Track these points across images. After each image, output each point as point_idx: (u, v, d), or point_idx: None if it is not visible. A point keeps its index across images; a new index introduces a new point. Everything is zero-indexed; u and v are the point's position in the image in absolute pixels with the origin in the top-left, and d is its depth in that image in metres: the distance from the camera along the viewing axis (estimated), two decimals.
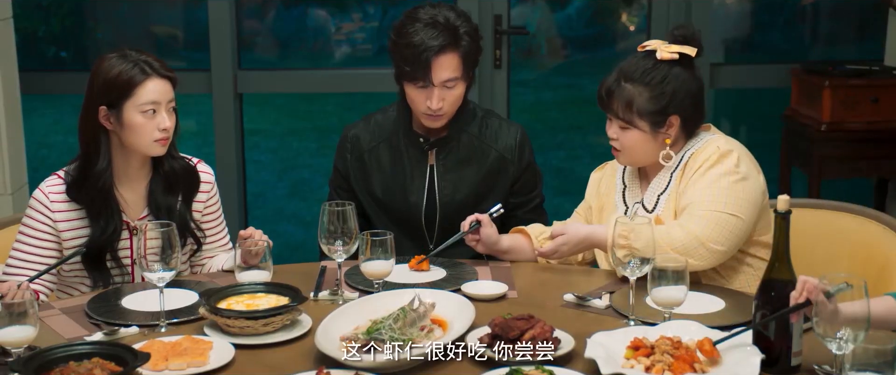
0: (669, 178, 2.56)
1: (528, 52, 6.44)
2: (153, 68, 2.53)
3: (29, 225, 2.57)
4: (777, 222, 1.99)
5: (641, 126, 2.51)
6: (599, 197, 2.74)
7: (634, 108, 2.50)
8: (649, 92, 2.50)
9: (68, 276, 2.63)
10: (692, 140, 2.58)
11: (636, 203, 2.62)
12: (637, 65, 2.53)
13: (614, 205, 2.67)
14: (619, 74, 2.54)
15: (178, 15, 5.78)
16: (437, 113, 2.79)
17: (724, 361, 1.96)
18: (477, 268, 2.64)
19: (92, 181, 2.53)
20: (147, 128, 2.52)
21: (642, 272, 2.18)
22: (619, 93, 2.52)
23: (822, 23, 5.61)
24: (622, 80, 2.52)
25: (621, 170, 2.70)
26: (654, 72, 2.51)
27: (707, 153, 2.50)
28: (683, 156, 2.55)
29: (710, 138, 2.56)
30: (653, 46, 2.56)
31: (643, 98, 2.50)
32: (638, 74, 2.51)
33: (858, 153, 4.12)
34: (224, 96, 4.42)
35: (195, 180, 2.68)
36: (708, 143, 2.54)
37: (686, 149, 2.57)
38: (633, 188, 2.66)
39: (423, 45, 2.72)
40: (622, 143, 2.55)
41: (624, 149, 2.56)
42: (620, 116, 2.52)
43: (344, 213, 2.38)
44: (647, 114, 2.50)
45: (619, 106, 2.52)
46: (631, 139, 2.53)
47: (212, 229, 2.75)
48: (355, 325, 2.13)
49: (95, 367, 1.88)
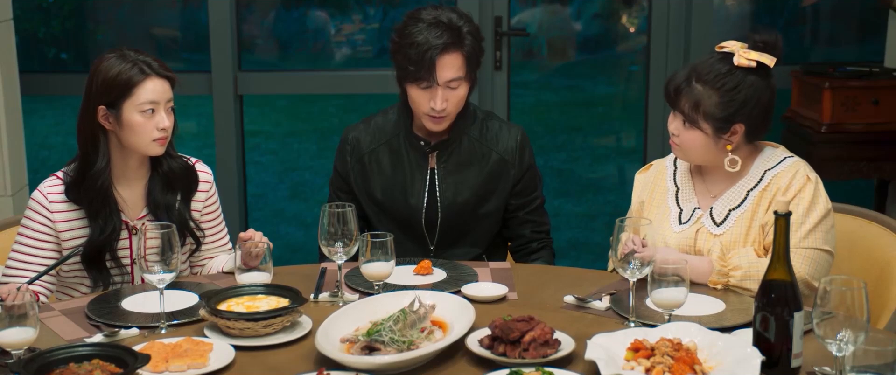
0: (745, 196, 2.50)
1: (528, 53, 6.44)
2: (152, 68, 2.53)
3: (28, 227, 2.57)
4: (776, 223, 1.99)
5: (704, 128, 2.46)
6: (646, 198, 2.68)
7: (701, 110, 2.44)
8: (719, 97, 2.43)
9: (67, 277, 2.63)
10: (763, 155, 2.53)
11: (695, 208, 2.56)
12: (712, 68, 2.46)
13: (667, 208, 2.61)
14: (690, 72, 2.48)
15: (178, 16, 5.78)
16: (440, 114, 2.78)
17: (724, 363, 1.96)
18: (477, 270, 2.64)
19: (90, 181, 2.54)
20: (146, 128, 2.52)
21: (642, 273, 2.18)
22: (688, 92, 2.46)
23: (823, 24, 5.61)
24: (693, 80, 2.46)
25: (671, 172, 2.66)
26: (729, 79, 2.44)
27: (798, 182, 2.45)
28: (763, 176, 2.50)
29: (788, 159, 2.51)
30: (730, 49, 2.48)
31: (712, 102, 2.44)
32: (711, 77, 2.44)
33: (858, 154, 4.12)
34: (224, 98, 4.42)
35: (194, 179, 2.68)
36: (790, 168, 2.48)
37: (763, 167, 2.51)
38: (686, 190, 2.61)
39: (427, 44, 2.72)
40: (682, 140, 2.50)
41: (682, 146, 2.51)
42: (685, 114, 2.47)
43: (344, 215, 2.38)
44: (713, 118, 2.44)
45: (686, 104, 2.46)
46: (692, 138, 2.48)
47: (211, 228, 2.75)
48: (356, 327, 2.13)
49: (95, 369, 1.88)
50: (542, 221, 2.98)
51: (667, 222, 2.59)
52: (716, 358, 1.98)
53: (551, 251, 3.00)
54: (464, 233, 2.94)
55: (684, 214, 2.58)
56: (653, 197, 2.67)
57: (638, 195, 2.73)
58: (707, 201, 2.57)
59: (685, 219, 2.57)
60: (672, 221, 2.58)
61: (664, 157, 2.75)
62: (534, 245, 2.97)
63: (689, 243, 2.53)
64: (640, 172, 2.77)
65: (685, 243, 2.54)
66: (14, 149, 3.94)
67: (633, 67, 6.54)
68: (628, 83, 6.82)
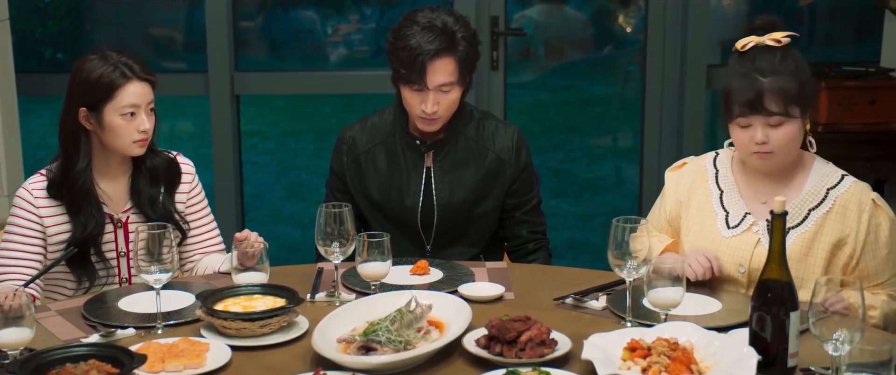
0: (807, 214, 2.44)
1: (525, 53, 6.44)
2: (133, 71, 2.54)
3: (16, 224, 2.58)
4: (773, 223, 1.99)
5: (795, 114, 2.38)
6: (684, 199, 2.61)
7: (789, 98, 2.37)
8: (793, 78, 2.38)
9: (52, 275, 2.63)
10: (819, 170, 2.48)
11: (746, 213, 2.50)
12: (767, 59, 2.40)
13: (712, 211, 2.54)
14: (750, 73, 2.39)
15: (175, 17, 5.78)
16: (431, 116, 2.78)
17: (720, 362, 1.96)
18: (474, 270, 2.64)
19: (72, 180, 2.56)
20: (126, 130, 2.54)
21: (639, 273, 2.18)
22: (768, 88, 2.36)
23: (819, 24, 5.61)
24: (760, 77, 2.38)
25: (713, 174, 2.59)
26: (788, 60, 2.39)
27: (867, 208, 2.42)
28: (827, 196, 2.45)
29: (847, 179, 2.47)
30: (757, 41, 2.44)
31: (792, 85, 2.37)
32: (776, 66, 2.38)
33: (855, 154, 4.12)
34: (221, 98, 4.42)
35: (176, 172, 2.70)
36: (853, 189, 2.45)
37: (824, 185, 2.46)
38: (731, 194, 2.54)
39: (419, 48, 2.72)
40: (776, 143, 2.39)
41: (778, 149, 2.40)
42: (775, 112, 2.36)
43: (341, 215, 2.38)
44: (801, 100, 2.38)
45: (774, 101, 2.36)
46: (786, 134, 2.39)
47: (197, 220, 2.75)
48: (352, 327, 2.13)
49: (92, 369, 1.88)
50: (539, 222, 2.98)
51: (713, 226, 2.53)
52: (712, 358, 1.98)
53: (548, 252, 3.00)
54: (460, 233, 2.94)
55: (732, 217, 2.51)
56: (691, 199, 2.59)
57: (674, 194, 2.64)
58: (757, 207, 2.51)
59: (734, 223, 2.50)
60: (719, 225, 2.52)
61: (699, 156, 2.67)
62: (530, 245, 2.97)
63: (746, 255, 2.46)
64: (671, 169, 2.69)
65: (744, 252, 2.47)
66: (10, 149, 3.93)
67: (630, 67, 6.54)
68: (625, 83, 6.83)
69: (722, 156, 2.61)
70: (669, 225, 2.64)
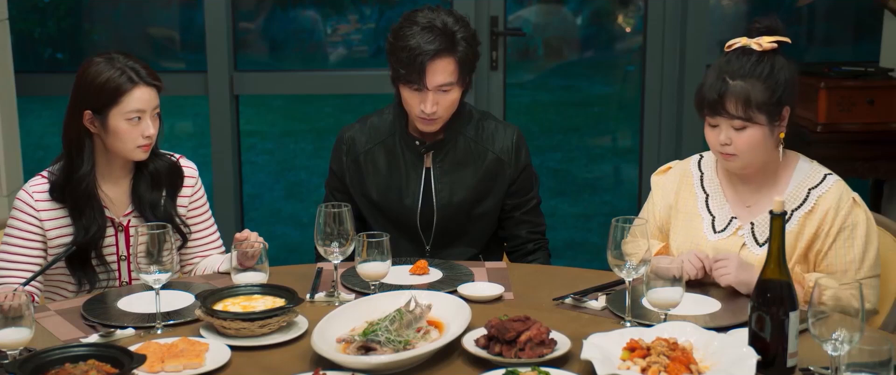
0: (789, 216, 2.45)
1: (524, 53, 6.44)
2: (140, 76, 2.53)
3: (16, 227, 2.57)
4: (772, 223, 2.00)
5: (759, 120, 2.40)
6: (673, 202, 2.62)
7: (752, 103, 2.39)
8: (762, 84, 2.39)
9: (53, 277, 2.62)
10: (802, 170, 2.50)
11: (732, 217, 2.51)
12: (741, 62, 2.41)
13: (698, 215, 2.56)
14: (721, 74, 2.42)
15: (174, 17, 5.78)
16: (431, 117, 2.78)
17: (719, 362, 1.96)
18: (473, 270, 2.64)
19: (75, 183, 2.55)
20: (131, 135, 2.53)
21: (638, 273, 2.18)
22: (731, 91, 2.38)
23: (818, 24, 5.61)
24: (729, 79, 2.40)
25: (698, 177, 2.61)
26: (762, 65, 2.40)
27: (845, 206, 2.44)
28: (808, 196, 2.46)
29: (829, 178, 2.49)
30: (743, 43, 2.46)
31: (758, 90, 2.38)
32: (746, 70, 2.40)
33: (854, 154, 4.12)
34: (220, 98, 4.42)
35: (179, 176, 2.69)
36: (834, 189, 2.46)
37: (806, 186, 2.47)
38: (716, 197, 2.56)
39: (419, 48, 2.72)
40: (738, 146, 2.42)
41: (740, 152, 2.43)
42: (735, 115, 2.39)
43: (340, 215, 2.38)
44: (766, 106, 2.39)
45: (735, 104, 2.39)
46: (749, 138, 2.41)
47: (198, 224, 2.75)
48: (352, 327, 2.13)
49: (91, 369, 1.88)
50: (539, 222, 2.98)
51: (699, 230, 2.54)
52: (711, 358, 1.99)
53: (547, 252, 3.00)
54: (460, 233, 2.94)
55: (718, 221, 2.53)
56: (679, 202, 2.61)
57: (663, 198, 2.65)
58: (741, 210, 2.52)
59: (720, 227, 2.53)
60: (706, 229, 2.54)
61: (683, 160, 2.69)
62: (530, 246, 2.97)
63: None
64: (657, 174, 2.70)
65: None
66: (9, 150, 3.93)
67: (629, 67, 6.54)
68: (624, 83, 6.82)
69: (707, 158, 2.63)
70: (660, 230, 2.65)
